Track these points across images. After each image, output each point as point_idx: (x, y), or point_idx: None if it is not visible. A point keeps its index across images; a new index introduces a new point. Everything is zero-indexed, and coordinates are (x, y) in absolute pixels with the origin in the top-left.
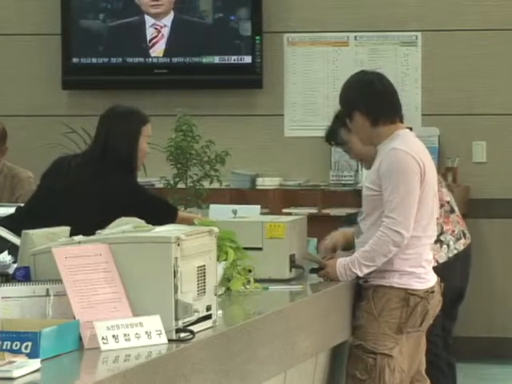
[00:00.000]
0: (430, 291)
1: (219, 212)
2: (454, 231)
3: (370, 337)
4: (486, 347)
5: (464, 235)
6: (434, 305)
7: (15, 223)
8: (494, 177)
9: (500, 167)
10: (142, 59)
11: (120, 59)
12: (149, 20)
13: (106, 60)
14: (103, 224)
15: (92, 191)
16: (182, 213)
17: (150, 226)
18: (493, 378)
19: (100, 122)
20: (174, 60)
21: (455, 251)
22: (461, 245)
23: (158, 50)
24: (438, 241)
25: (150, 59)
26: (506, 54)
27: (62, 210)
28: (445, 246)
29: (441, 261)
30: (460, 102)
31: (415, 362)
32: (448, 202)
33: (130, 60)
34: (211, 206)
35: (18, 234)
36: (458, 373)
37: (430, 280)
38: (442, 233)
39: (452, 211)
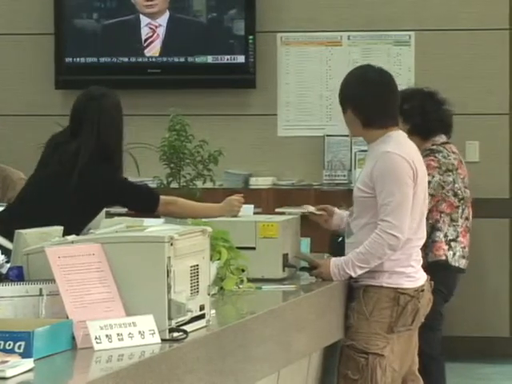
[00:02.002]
0: (420, 290)
1: None
2: (465, 248)
3: (362, 337)
4: (478, 347)
5: (467, 257)
6: (425, 303)
7: (3, 224)
8: (486, 176)
9: (493, 167)
10: (135, 59)
11: (114, 59)
12: (144, 19)
13: (99, 60)
14: (85, 214)
15: (76, 183)
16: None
17: (143, 225)
18: (486, 377)
19: (92, 106)
20: (168, 60)
21: (456, 264)
22: (461, 264)
23: (153, 50)
24: (448, 244)
25: (144, 59)
26: (499, 54)
27: (45, 197)
28: (451, 252)
29: (451, 261)
30: (453, 102)
31: (407, 362)
32: (469, 220)
33: (123, 60)
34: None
35: (6, 234)
36: (450, 372)
37: (420, 279)
38: (455, 240)
39: (469, 231)
